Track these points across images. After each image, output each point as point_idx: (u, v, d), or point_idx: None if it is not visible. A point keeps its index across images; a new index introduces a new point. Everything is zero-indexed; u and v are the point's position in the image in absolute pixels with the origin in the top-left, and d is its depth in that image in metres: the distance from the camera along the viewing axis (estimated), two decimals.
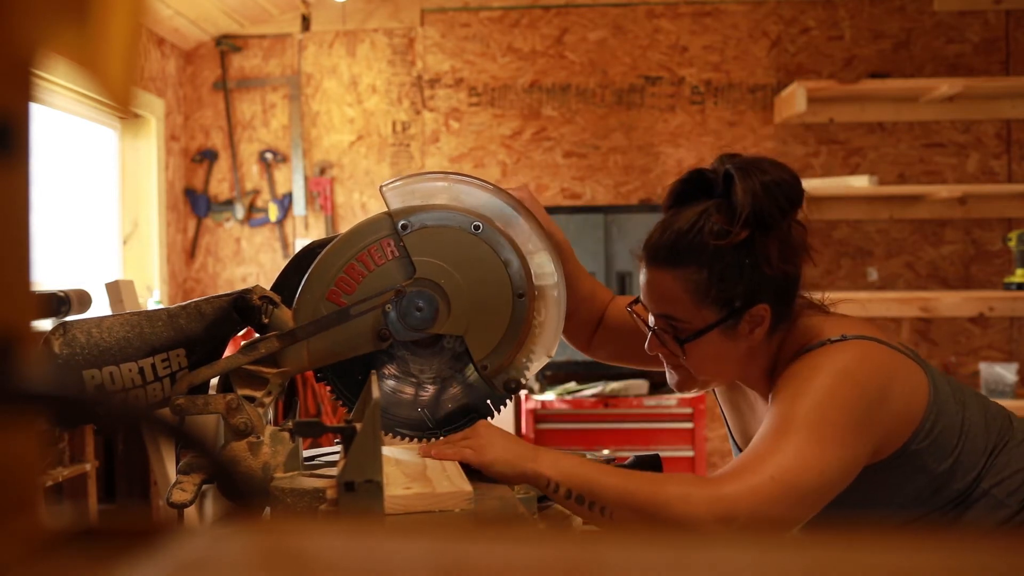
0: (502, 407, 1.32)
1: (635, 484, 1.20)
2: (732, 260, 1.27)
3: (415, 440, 1.33)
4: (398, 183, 1.30)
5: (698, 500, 1.17)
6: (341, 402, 1.29)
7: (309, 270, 1.25)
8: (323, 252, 1.26)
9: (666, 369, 1.40)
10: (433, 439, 1.32)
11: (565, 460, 1.22)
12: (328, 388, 1.30)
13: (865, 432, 1.25)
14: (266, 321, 1.21)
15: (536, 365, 1.33)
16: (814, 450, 1.19)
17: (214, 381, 1.21)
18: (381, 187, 1.30)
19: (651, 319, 1.37)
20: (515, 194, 1.34)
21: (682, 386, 1.38)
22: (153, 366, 1.17)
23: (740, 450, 1.49)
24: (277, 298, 1.23)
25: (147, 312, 1.18)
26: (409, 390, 1.32)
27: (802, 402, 1.23)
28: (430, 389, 1.31)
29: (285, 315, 1.22)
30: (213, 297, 1.21)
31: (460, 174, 1.32)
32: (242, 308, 1.21)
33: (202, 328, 1.19)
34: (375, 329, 1.25)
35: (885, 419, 1.27)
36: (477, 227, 1.27)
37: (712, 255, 1.27)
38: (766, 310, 1.30)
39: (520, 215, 1.32)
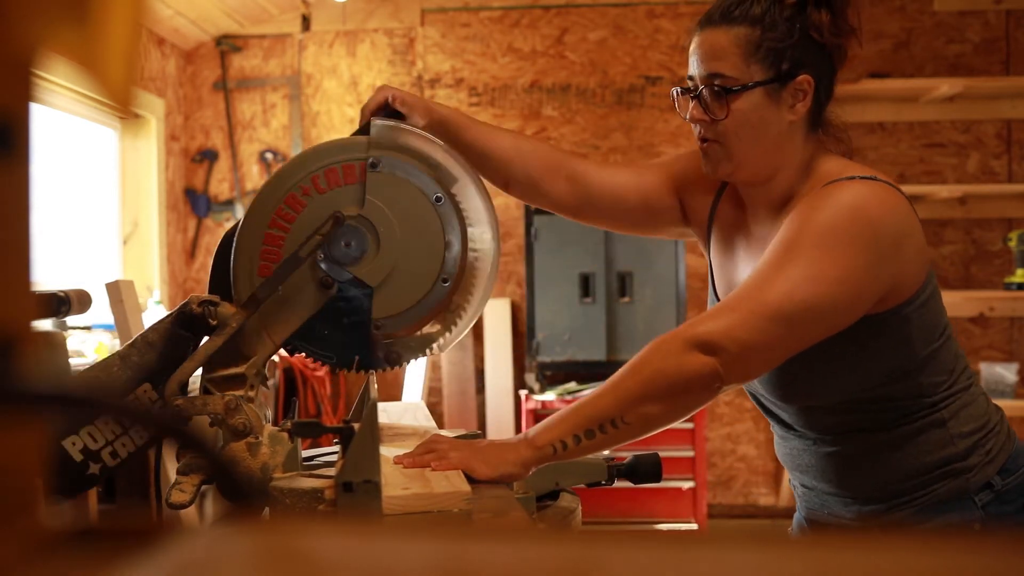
0: (374, 371, 1.31)
1: (617, 378, 1.24)
2: (784, 23, 1.30)
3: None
4: (389, 122, 1.32)
5: (673, 343, 1.22)
6: (320, 362, 1.29)
7: (242, 221, 1.26)
8: (259, 189, 1.28)
9: (701, 154, 1.39)
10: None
11: (551, 421, 1.25)
12: (303, 355, 1.29)
13: (871, 271, 1.26)
14: (214, 323, 1.20)
15: (442, 346, 1.34)
16: (807, 284, 1.22)
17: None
18: (373, 117, 1.33)
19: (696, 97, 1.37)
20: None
21: (715, 167, 1.37)
22: None
23: (718, 300, 1.48)
24: (216, 298, 1.23)
25: (99, 363, 1.20)
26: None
27: (807, 234, 1.25)
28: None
29: (229, 309, 1.22)
30: (155, 324, 1.22)
31: (446, 148, 1.34)
32: (186, 322, 1.21)
33: (156, 357, 1.20)
34: (316, 279, 1.25)
35: (893, 266, 1.29)
36: (439, 199, 1.27)
37: (765, 15, 1.30)
38: (810, 83, 1.32)
39: (472, 185, 1.33)
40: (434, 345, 1.34)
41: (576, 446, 1.23)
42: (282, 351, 1.30)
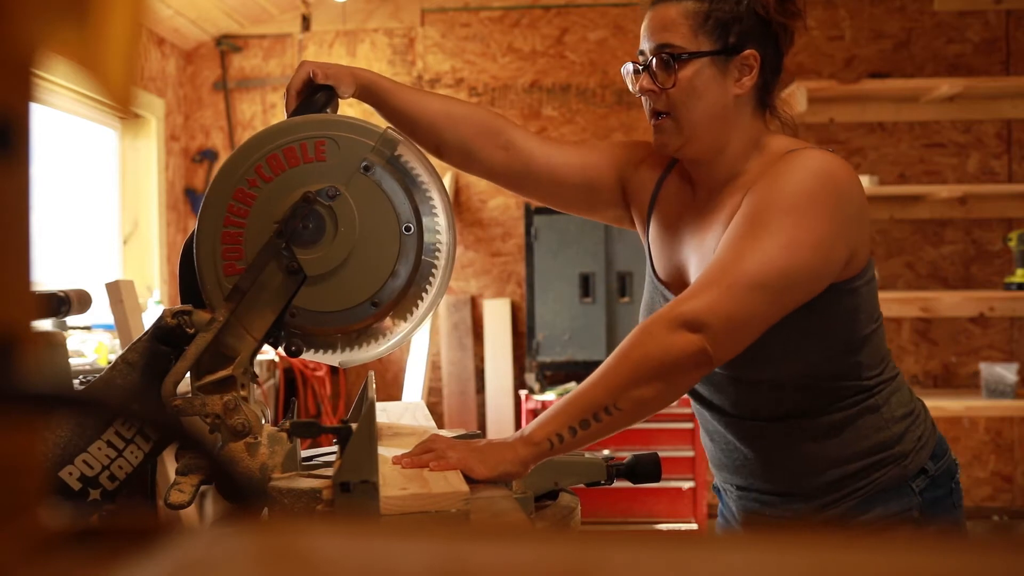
0: (284, 351, 1.31)
1: (614, 370, 1.24)
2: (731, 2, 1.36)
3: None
4: (401, 136, 1.32)
5: (657, 325, 1.24)
6: (304, 347, 1.29)
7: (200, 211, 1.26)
8: (205, 194, 1.28)
9: (653, 131, 1.41)
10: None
11: (546, 416, 1.26)
12: (285, 345, 1.29)
13: (841, 235, 1.30)
14: (191, 332, 1.20)
15: (344, 361, 1.33)
16: (783, 251, 1.25)
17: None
18: (388, 128, 1.32)
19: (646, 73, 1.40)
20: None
21: (667, 140, 1.39)
22: (117, 433, 1.18)
23: (659, 281, 1.50)
24: (188, 307, 1.23)
25: (83, 390, 1.19)
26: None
27: (777, 202, 1.28)
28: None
29: (204, 316, 1.22)
30: (133, 344, 1.22)
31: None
32: (164, 337, 1.21)
33: (139, 376, 1.20)
34: (283, 267, 1.24)
35: (856, 233, 1.33)
36: (408, 228, 1.28)
37: None
38: (756, 58, 1.37)
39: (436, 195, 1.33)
40: (337, 357, 1.33)
41: (572, 438, 1.23)
42: (281, 350, 1.30)
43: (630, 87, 1.44)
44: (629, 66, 1.44)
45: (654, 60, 1.37)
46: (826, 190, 1.30)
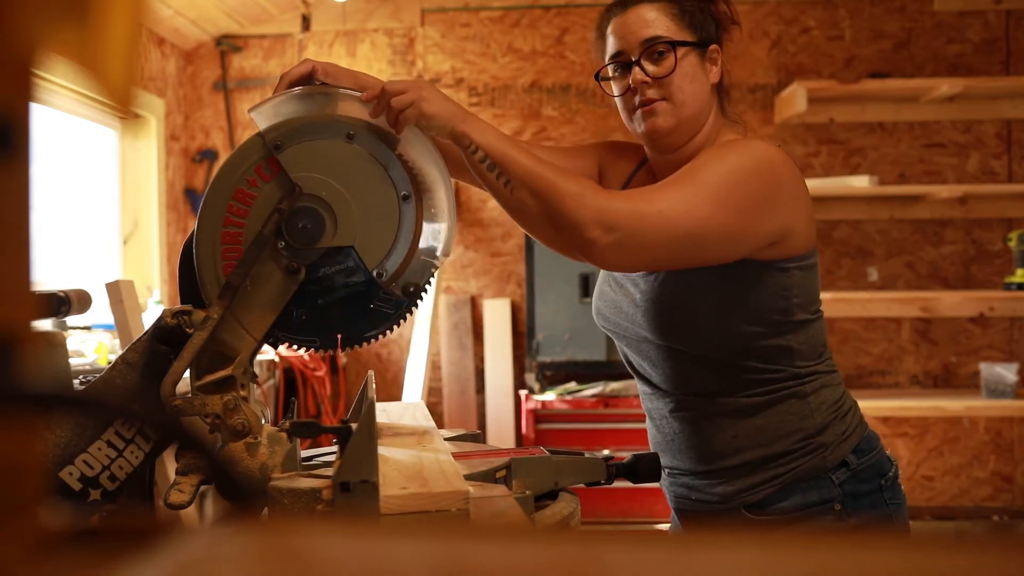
0: (408, 314, 1.31)
1: (542, 169, 1.33)
2: (694, 2, 1.51)
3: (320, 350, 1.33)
4: (265, 105, 1.31)
5: (588, 204, 1.31)
6: (306, 347, 1.29)
7: (195, 228, 1.25)
8: (204, 194, 1.27)
9: (640, 118, 1.49)
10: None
11: (491, 130, 1.35)
12: (287, 344, 1.29)
13: (761, 212, 1.38)
14: (190, 331, 1.20)
15: (444, 251, 1.33)
16: (705, 204, 1.34)
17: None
18: (249, 110, 1.32)
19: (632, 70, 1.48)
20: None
21: (659, 124, 1.47)
22: (117, 433, 1.18)
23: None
24: (188, 307, 1.23)
25: (83, 390, 1.19)
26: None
27: (711, 166, 1.38)
28: (340, 308, 1.30)
29: (203, 315, 1.22)
30: (133, 344, 1.22)
31: (325, 85, 1.36)
32: (164, 337, 1.21)
33: (139, 376, 1.20)
34: (282, 267, 1.24)
35: (787, 214, 1.41)
36: (351, 135, 1.26)
37: None
38: (719, 53, 1.52)
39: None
40: (437, 255, 1.33)
41: (479, 164, 1.34)
42: (282, 350, 1.30)
43: (614, 90, 1.52)
44: (609, 69, 1.52)
45: (645, 53, 1.46)
46: (760, 169, 1.39)
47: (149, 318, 3.19)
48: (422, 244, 1.32)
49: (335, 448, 1.25)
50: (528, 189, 1.33)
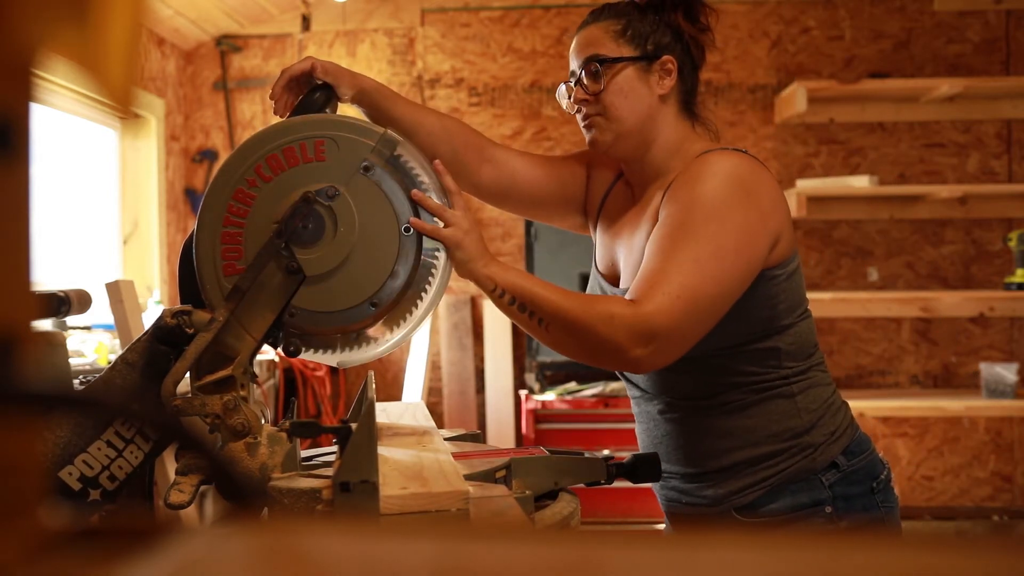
0: (283, 351, 1.31)
1: (569, 302, 1.36)
2: (644, 15, 1.53)
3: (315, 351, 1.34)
4: (400, 138, 1.32)
5: (619, 325, 1.32)
6: (303, 347, 1.29)
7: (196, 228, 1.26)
8: (204, 194, 1.27)
9: (585, 132, 1.55)
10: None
11: (512, 271, 1.40)
12: (284, 345, 1.29)
13: (757, 235, 1.40)
14: (191, 332, 1.20)
15: (343, 361, 1.34)
16: (712, 260, 1.35)
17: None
18: (388, 130, 1.32)
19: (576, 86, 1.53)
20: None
21: (599, 136, 1.52)
22: (117, 433, 1.18)
23: (602, 276, 1.62)
24: (188, 307, 1.23)
25: (83, 390, 1.19)
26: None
27: (697, 209, 1.39)
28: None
29: (204, 316, 1.22)
30: (133, 344, 1.22)
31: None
32: (164, 337, 1.21)
33: (139, 376, 1.20)
34: (283, 267, 1.24)
35: (773, 224, 1.42)
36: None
37: (628, 10, 1.53)
38: (673, 63, 1.51)
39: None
40: (336, 357, 1.33)
41: (508, 305, 1.38)
42: (281, 351, 1.30)
43: (564, 107, 1.58)
44: (562, 87, 1.57)
45: (583, 72, 1.51)
46: (737, 192, 1.40)
47: (149, 318, 3.19)
48: (424, 244, 1.33)
49: (335, 448, 1.25)
50: (561, 324, 1.36)
